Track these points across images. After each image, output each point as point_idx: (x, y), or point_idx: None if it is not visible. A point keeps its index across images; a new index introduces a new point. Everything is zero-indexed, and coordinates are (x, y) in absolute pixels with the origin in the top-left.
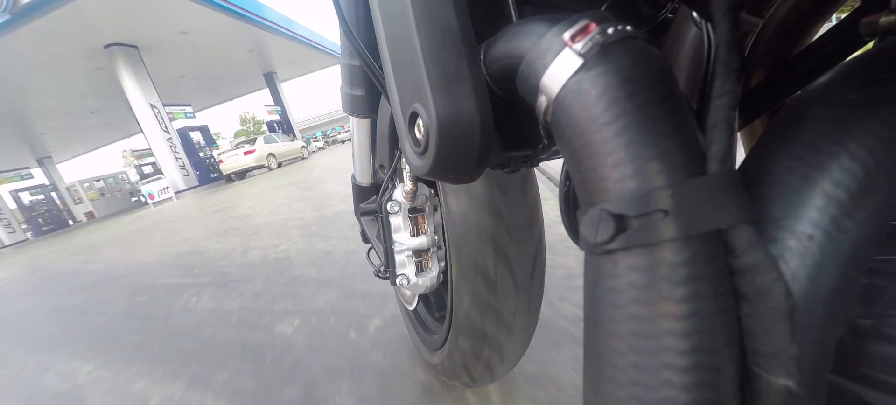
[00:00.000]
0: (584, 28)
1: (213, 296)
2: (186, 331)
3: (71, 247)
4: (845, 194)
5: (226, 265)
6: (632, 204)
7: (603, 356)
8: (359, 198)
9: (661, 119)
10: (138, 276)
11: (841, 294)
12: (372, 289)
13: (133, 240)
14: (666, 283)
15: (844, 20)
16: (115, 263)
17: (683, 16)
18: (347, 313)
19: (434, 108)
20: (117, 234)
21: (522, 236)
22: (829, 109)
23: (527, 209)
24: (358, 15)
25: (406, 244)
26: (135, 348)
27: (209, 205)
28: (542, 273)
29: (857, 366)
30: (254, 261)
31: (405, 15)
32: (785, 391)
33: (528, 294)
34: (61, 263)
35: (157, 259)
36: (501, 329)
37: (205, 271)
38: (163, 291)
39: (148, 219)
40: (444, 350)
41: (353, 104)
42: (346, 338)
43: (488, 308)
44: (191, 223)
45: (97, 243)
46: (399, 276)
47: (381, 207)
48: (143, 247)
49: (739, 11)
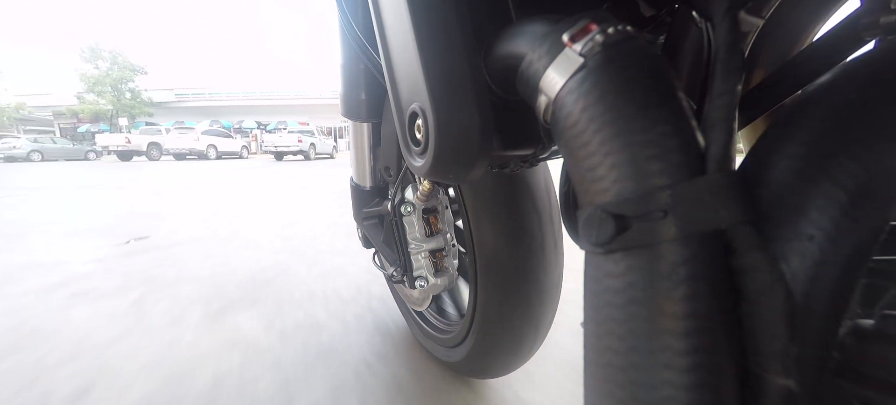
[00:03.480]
0: (583, 28)
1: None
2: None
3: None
4: (845, 194)
5: None
6: (632, 204)
7: (603, 356)
8: (359, 202)
9: (660, 119)
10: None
11: (841, 294)
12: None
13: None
14: (666, 283)
15: (844, 20)
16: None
17: (683, 16)
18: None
19: (433, 108)
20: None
21: (543, 228)
22: (829, 109)
23: (546, 202)
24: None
25: (423, 246)
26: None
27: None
28: (561, 262)
29: (858, 366)
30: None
31: (405, 15)
32: (785, 391)
33: (549, 286)
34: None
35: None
36: (525, 321)
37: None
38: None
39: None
40: (465, 346)
41: (352, 108)
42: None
43: (512, 301)
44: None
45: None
46: (418, 279)
47: (394, 211)
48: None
49: (739, 11)
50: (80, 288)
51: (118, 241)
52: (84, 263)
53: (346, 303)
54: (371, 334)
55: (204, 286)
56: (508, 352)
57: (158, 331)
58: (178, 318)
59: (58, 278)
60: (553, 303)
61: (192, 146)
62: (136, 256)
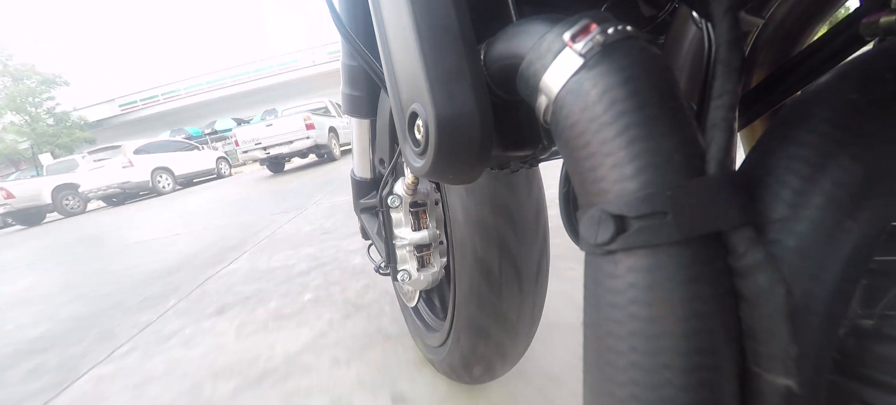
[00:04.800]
0: (584, 28)
1: None
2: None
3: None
4: (846, 194)
5: None
6: (632, 204)
7: (603, 356)
8: (358, 193)
9: (661, 119)
10: None
11: (842, 294)
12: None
13: None
14: (666, 284)
15: (844, 20)
16: None
17: (683, 16)
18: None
19: (433, 108)
20: None
21: (527, 234)
22: (829, 109)
23: (532, 206)
24: (357, 14)
25: (407, 239)
26: None
27: None
28: (546, 272)
29: (858, 366)
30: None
31: (405, 15)
32: (785, 391)
33: (532, 294)
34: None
35: None
36: (503, 328)
37: None
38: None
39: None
40: (446, 347)
41: (353, 105)
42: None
43: (491, 306)
44: None
45: None
46: (400, 272)
47: (381, 202)
48: None
49: (739, 11)
50: None
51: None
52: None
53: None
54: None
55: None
56: (485, 359)
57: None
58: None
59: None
60: (532, 313)
61: (126, 178)
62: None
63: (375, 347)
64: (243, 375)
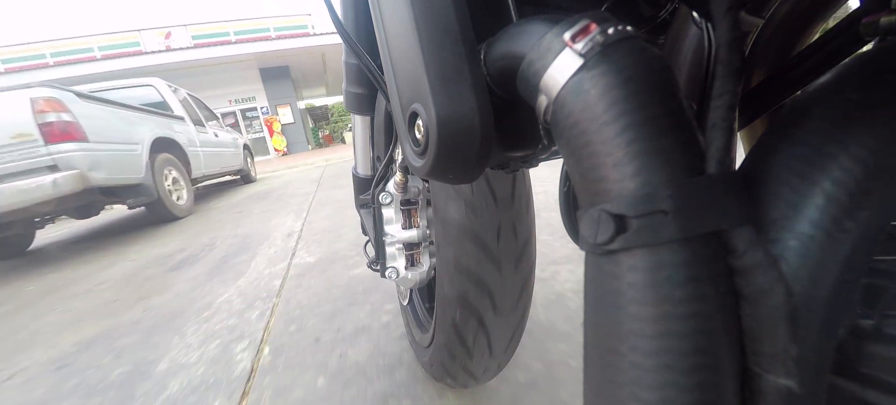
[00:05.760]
0: (584, 28)
1: None
2: None
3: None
4: (846, 194)
5: None
6: (632, 204)
7: (603, 356)
8: (358, 190)
9: (661, 119)
10: None
11: (841, 294)
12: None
13: None
14: (666, 284)
15: (844, 20)
16: None
17: (683, 16)
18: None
19: (434, 108)
20: None
21: (510, 238)
22: (829, 109)
23: (516, 208)
24: (357, 14)
25: (396, 236)
26: None
27: None
28: (530, 281)
29: (858, 366)
30: None
31: (405, 15)
32: (785, 391)
33: (515, 307)
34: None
35: None
36: (483, 334)
37: None
38: None
39: None
40: (430, 349)
41: (354, 102)
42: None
43: (472, 311)
44: None
45: None
46: (389, 269)
47: (374, 198)
48: None
49: (739, 11)
50: None
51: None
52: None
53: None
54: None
55: None
56: (464, 364)
57: None
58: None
59: None
60: (514, 321)
61: None
62: None
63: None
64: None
